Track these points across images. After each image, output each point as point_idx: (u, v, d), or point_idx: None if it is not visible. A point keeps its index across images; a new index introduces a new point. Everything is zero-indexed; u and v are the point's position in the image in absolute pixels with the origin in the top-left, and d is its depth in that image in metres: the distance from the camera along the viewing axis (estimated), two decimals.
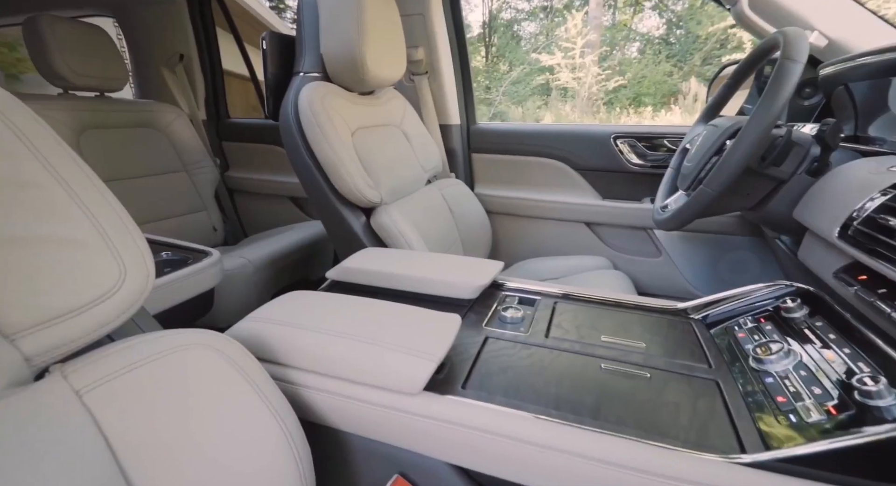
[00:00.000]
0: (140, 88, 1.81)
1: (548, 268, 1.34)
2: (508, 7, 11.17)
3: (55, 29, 1.31)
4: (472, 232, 1.33)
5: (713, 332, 0.63)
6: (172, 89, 1.70)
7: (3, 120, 0.39)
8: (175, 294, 0.91)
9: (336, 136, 0.92)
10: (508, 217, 1.52)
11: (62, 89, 1.40)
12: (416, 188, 1.20)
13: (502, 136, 1.46)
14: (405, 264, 0.76)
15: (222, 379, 0.43)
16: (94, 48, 1.40)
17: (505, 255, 1.58)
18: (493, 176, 1.51)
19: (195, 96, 1.74)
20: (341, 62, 0.98)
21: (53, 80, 1.35)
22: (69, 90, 1.41)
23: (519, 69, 9.43)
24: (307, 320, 0.56)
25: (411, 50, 1.29)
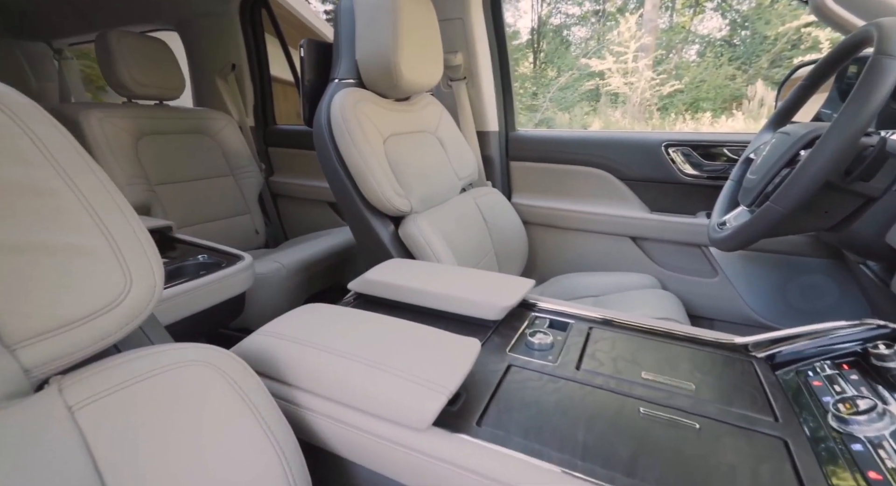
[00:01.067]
0: (197, 97, 1.91)
1: (587, 284, 1.26)
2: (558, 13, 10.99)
3: (122, 43, 1.41)
4: (506, 244, 1.27)
5: (781, 376, 0.53)
6: (224, 97, 1.78)
7: (22, 127, 0.39)
8: (207, 297, 0.93)
9: (365, 142, 0.90)
10: (546, 229, 1.45)
11: (126, 98, 1.50)
12: (450, 197, 1.16)
13: (542, 143, 1.39)
14: (428, 279, 0.72)
15: (218, 400, 0.40)
16: (156, 60, 1.49)
17: (541, 269, 1.50)
18: (531, 185, 1.44)
19: (244, 104, 1.82)
20: (375, 68, 0.97)
21: (118, 89, 1.45)
22: (132, 99, 1.50)
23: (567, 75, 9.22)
24: (317, 338, 0.53)
25: (449, 55, 1.26)
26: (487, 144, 1.39)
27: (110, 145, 1.34)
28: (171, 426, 0.38)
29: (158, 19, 1.81)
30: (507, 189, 1.47)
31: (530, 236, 1.43)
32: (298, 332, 0.55)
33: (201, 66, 1.80)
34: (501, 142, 1.42)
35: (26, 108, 0.40)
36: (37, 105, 0.41)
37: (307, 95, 1.06)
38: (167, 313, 0.85)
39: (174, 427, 0.38)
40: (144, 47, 1.46)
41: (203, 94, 1.86)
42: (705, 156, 1.20)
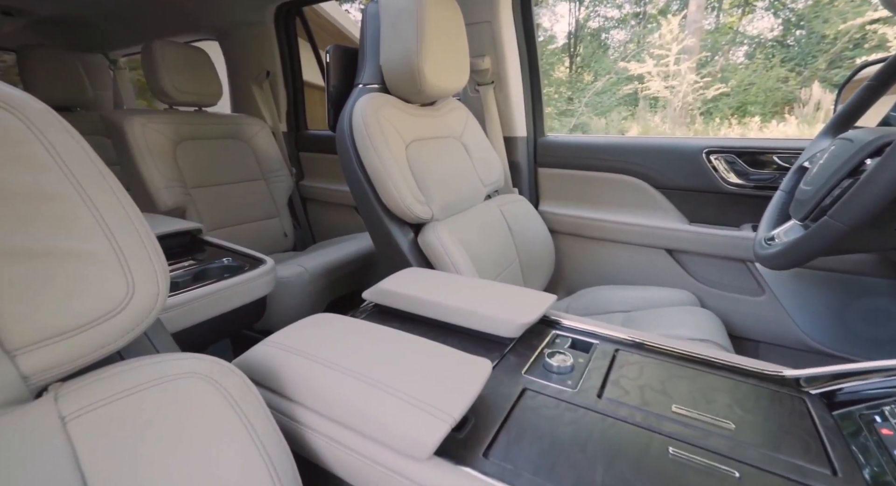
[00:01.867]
0: (234, 103, 1.98)
1: (618, 298, 1.18)
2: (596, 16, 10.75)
3: (165, 52, 1.47)
4: (532, 253, 1.22)
5: (840, 418, 0.46)
6: (259, 103, 1.83)
7: (35, 133, 0.39)
8: (228, 300, 0.93)
9: (386, 148, 0.88)
10: (575, 239, 1.38)
11: (168, 105, 1.57)
12: (473, 204, 1.13)
13: (573, 149, 1.33)
14: (443, 291, 0.69)
15: (210, 415, 0.39)
16: (195, 68, 1.55)
17: (569, 280, 1.44)
18: (560, 193, 1.39)
19: (278, 110, 1.86)
20: (399, 73, 0.95)
21: (160, 96, 1.51)
22: (173, 105, 1.57)
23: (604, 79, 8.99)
24: (322, 351, 0.51)
25: (477, 59, 1.23)
26: (515, 149, 1.35)
27: (151, 149, 1.39)
28: (162, 441, 0.36)
29: (201, 30, 1.89)
30: (535, 197, 1.42)
31: (557, 246, 1.37)
32: (304, 344, 0.53)
33: (238, 74, 1.86)
34: (529, 148, 1.37)
35: (41, 114, 0.40)
36: (52, 111, 0.41)
37: (332, 100, 1.06)
38: (188, 315, 0.86)
39: (164, 442, 0.37)
40: (185, 56, 1.52)
41: (240, 100, 1.92)
42: (752, 163, 1.10)
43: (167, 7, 1.75)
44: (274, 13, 1.68)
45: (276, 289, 1.21)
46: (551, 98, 9.96)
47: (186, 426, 0.38)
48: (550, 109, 9.82)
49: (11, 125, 0.38)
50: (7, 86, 0.40)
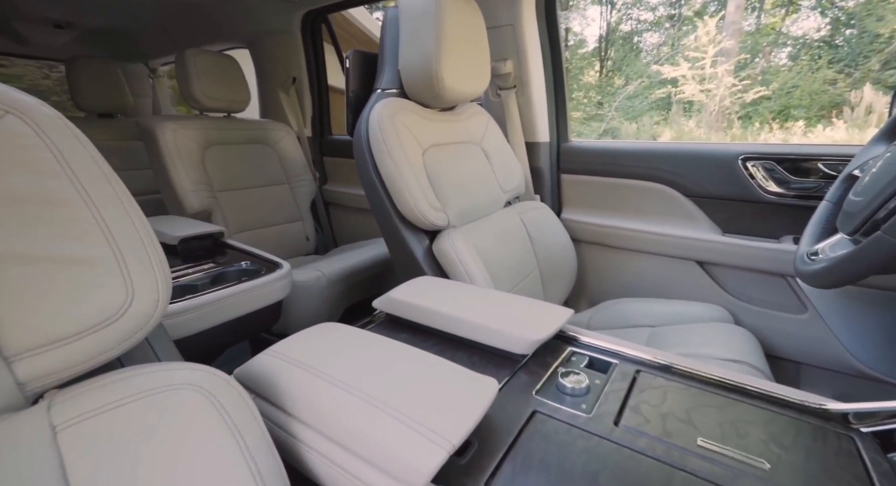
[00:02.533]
0: (263, 109, 2.03)
1: (643, 311, 1.12)
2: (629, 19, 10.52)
3: (196, 61, 1.52)
4: (553, 263, 1.18)
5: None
6: (285, 109, 1.87)
7: (44, 139, 0.39)
8: (243, 304, 0.94)
9: (401, 153, 0.87)
10: (599, 248, 1.33)
11: (198, 111, 1.62)
12: (492, 211, 1.10)
13: (598, 155, 1.28)
14: (455, 302, 0.67)
15: (201, 429, 0.38)
16: (225, 75, 1.60)
17: (592, 291, 1.38)
18: (584, 200, 1.34)
19: (303, 115, 1.89)
20: (417, 78, 0.94)
21: (191, 102, 1.56)
22: (203, 111, 1.62)
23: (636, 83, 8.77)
24: (323, 364, 0.49)
25: (499, 63, 1.21)
26: (537, 155, 1.31)
27: (180, 154, 1.44)
28: (150, 455, 0.35)
29: (233, 38, 1.95)
30: (557, 204, 1.38)
31: (580, 256, 1.32)
32: (306, 355, 0.52)
33: (267, 80, 1.91)
34: (552, 153, 1.33)
35: (51, 120, 0.40)
36: (62, 117, 0.42)
37: (351, 105, 1.06)
38: (204, 318, 0.87)
39: (152, 456, 0.35)
40: (215, 64, 1.57)
41: (268, 106, 1.97)
42: (793, 171, 1.02)
43: (201, 17, 1.82)
44: (301, 21, 1.71)
45: (294, 293, 1.22)
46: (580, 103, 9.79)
47: (175, 440, 0.37)
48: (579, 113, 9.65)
49: (20, 131, 0.38)
50: (19, 91, 0.40)
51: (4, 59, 4.14)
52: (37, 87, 4.46)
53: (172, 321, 0.82)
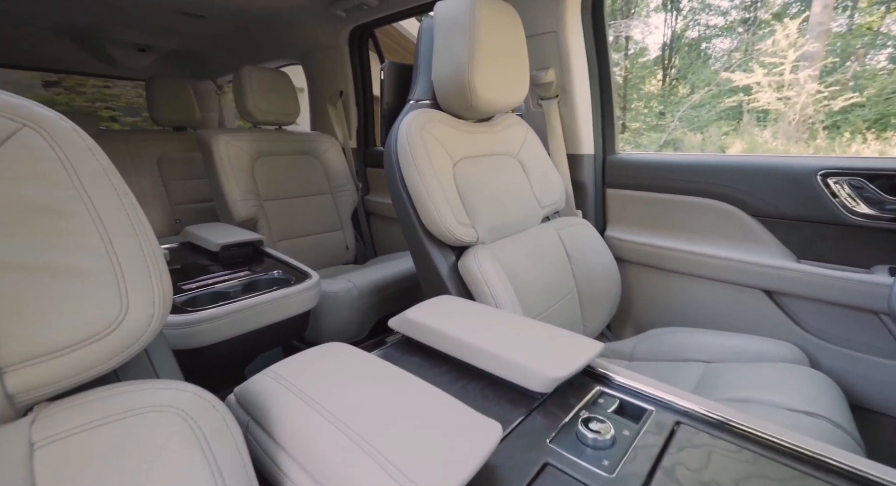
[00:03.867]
0: (313, 121, 2.11)
1: (697, 344, 1.00)
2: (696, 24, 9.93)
3: (251, 77, 1.61)
4: (594, 284, 1.09)
5: None
6: (332, 121, 1.92)
7: (56, 151, 0.40)
8: (270, 313, 0.95)
9: (428, 166, 0.84)
10: (647, 270, 1.21)
11: (252, 124, 1.71)
12: (527, 226, 1.04)
13: (649, 168, 1.17)
14: (473, 327, 0.62)
15: (175, 454, 0.36)
16: (276, 90, 1.68)
17: (638, 317, 1.26)
18: (631, 217, 1.23)
19: (349, 127, 1.94)
20: (449, 88, 0.91)
21: (245, 116, 1.65)
22: (256, 125, 1.71)
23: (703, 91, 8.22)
24: (317, 391, 0.46)
25: (540, 72, 1.15)
26: (580, 168, 1.23)
27: (232, 165, 1.52)
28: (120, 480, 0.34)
29: (288, 55, 2.05)
30: (602, 220, 1.28)
31: (625, 277, 1.21)
32: (302, 379, 0.49)
33: (317, 94, 1.98)
34: (597, 166, 1.24)
35: (66, 132, 0.41)
36: (77, 130, 0.43)
37: (385, 116, 1.05)
38: (230, 326, 0.88)
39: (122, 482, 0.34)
40: (268, 80, 1.65)
41: (317, 118, 2.05)
42: (889, 189, 0.87)
43: (261, 37, 1.93)
44: (348, 35, 1.76)
45: (325, 303, 1.23)
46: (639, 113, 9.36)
47: (145, 466, 0.35)
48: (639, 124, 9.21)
49: (36, 143, 0.39)
50: (38, 105, 0.42)
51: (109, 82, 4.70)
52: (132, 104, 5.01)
53: (201, 328, 0.84)
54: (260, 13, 1.65)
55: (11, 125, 0.38)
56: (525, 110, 1.28)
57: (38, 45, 2.08)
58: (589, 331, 1.10)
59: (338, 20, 1.65)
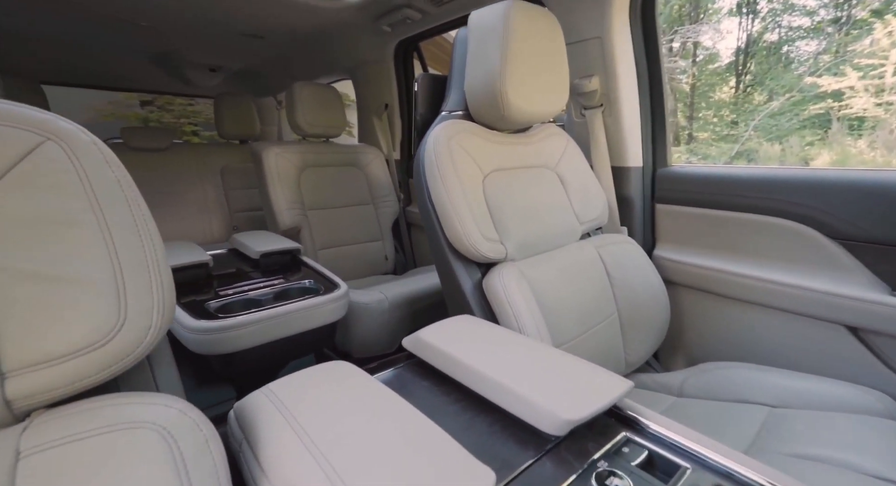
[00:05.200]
0: (360, 133, 2.17)
1: (760, 383, 0.87)
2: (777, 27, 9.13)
3: (303, 92, 1.68)
4: (638, 308, 0.99)
5: None
6: (377, 133, 1.97)
7: (74, 163, 0.42)
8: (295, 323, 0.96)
9: (454, 178, 0.81)
10: (702, 295, 1.08)
11: (301, 137, 1.78)
12: (563, 243, 0.97)
13: (706, 182, 1.06)
14: (486, 353, 0.57)
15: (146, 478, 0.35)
16: (325, 104, 1.74)
17: (690, 347, 1.13)
18: (684, 236, 1.11)
19: (393, 139, 1.97)
20: (481, 98, 0.88)
21: (295, 129, 1.73)
22: (305, 137, 1.78)
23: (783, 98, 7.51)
24: (306, 417, 0.44)
25: (583, 81, 1.09)
26: (626, 181, 1.14)
27: (280, 176, 1.59)
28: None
29: (340, 70, 2.14)
30: (650, 239, 1.17)
31: (675, 302, 1.09)
32: (295, 401, 0.47)
33: (364, 107, 2.04)
34: (646, 180, 1.14)
35: (86, 145, 0.43)
36: (97, 142, 0.44)
37: (418, 128, 1.04)
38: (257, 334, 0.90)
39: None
40: (317, 94, 1.72)
41: (364, 130, 2.10)
42: None
43: (314, 54, 2.03)
44: (394, 50, 1.79)
45: (356, 314, 1.23)
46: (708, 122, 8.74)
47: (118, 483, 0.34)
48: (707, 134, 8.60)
49: (56, 156, 0.41)
50: (62, 119, 0.44)
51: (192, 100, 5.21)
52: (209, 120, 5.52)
53: (229, 334, 0.87)
54: (312, 32, 1.73)
55: (36, 139, 0.40)
56: (567, 120, 1.22)
57: (131, 69, 2.34)
58: (631, 360, 1.00)
59: (383, 35, 1.68)
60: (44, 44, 1.80)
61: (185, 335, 0.85)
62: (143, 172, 2.10)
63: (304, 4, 1.43)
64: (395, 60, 1.83)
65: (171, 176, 2.16)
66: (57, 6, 1.41)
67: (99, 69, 2.30)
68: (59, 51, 1.91)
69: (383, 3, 1.43)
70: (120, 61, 2.17)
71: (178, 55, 2.13)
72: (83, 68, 2.25)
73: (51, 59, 2.01)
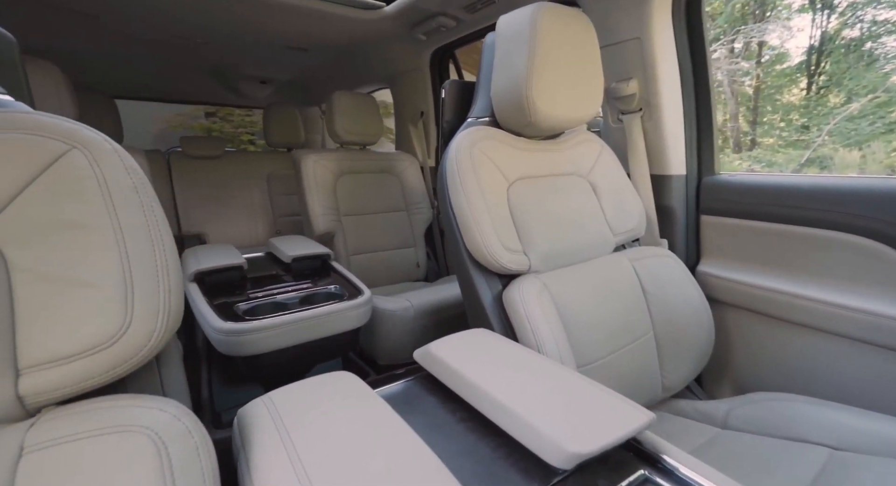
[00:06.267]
0: (398, 141, 2.20)
1: (819, 419, 0.77)
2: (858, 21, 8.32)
3: (341, 101, 1.73)
4: (677, 328, 0.91)
5: None
6: (413, 141, 1.98)
7: (95, 170, 0.44)
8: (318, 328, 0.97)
9: (475, 186, 0.78)
10: (752, 316, 0.98)
11: (339, 145, 1.83)
12: (593, 255, 0.92)
13: (762, 192, 0.96)
14: (498, 373, 0.54)
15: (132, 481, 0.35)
16: (362, 113, 1.78)
17: (737, 373, 1.03)
18: (733, 251, 1.01)
19: (428, 146, 1.98)
20: (507, 104, 0.85)
21: (333, 137, 1.78)
22: (342, 145, 1.83)
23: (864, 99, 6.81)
24: (298, 432, 0.44)
25: (620, 84, 1.03)
26: (667, 191, 1.06)
27: (317, 182, 1.64)
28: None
29: (378, 80, 2.19)
30: (693, 253, 1.08)
31: (721, 323, 1.00)
32: (291, 413, 0.47)
33: (401, 115, 2.07)
34: (689, 189, 1.06)
35: (108, 154, 0.45)
36: (119, 151, 0.47)
37: (444, 136, 1.03)
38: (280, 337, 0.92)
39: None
40: (355, 103, 1.77)
41: (401, 138, 2.13)
42: None
43: (354, 65, 2.09)
44: (430, 58, 1.80)
45: (381, 321, 1.23)
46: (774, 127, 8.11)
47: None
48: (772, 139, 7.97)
49: (79, 163, 0.43)
50: (89, 129, 0.46)
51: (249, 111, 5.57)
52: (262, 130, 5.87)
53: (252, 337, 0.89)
54: (351, 43, 1.79)
55: (63, 147, 0.43)
56: (603, 126, 1.16)
57: (191, 84, 2.53)
58: (669, 384, 0.92)
59: (419, 44, 1.70)
60: (115, 63, 1.99)
61: (213, 336, 0.88)
62: (199, 177, 2.25)
63: (342, 17, 1.47)
64: (430, 68, 1.84)
65: (222, 181, 2.30)
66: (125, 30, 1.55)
67: (163, 84, 2.50)
68: (128, 69, 2.10)
69: (418, 12, 1.44)
70: (182, 76, 2.35)
71: (231, 69, 2.27)
72: (150, 84, 2.45)
73: (121, 76, 2.22)
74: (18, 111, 0.43)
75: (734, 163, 6.22)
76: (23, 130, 0.42)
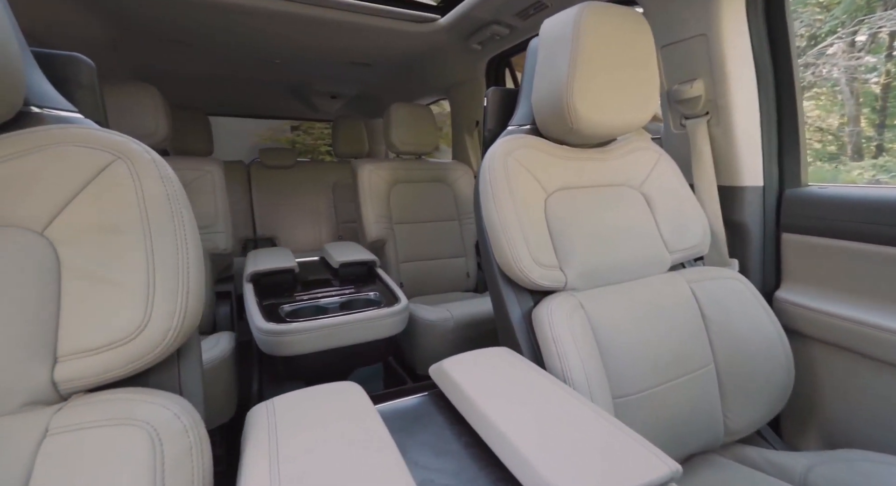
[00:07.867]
0: (454, 150, 2.21)
1: None
2: None
3: (398, 112, 1.79)
4: (745, 362, 0.79)
5: None
6: (468, 150, 1.98)
7: (134, 178, 0.49)
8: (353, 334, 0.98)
9: (506, 197, 0.75)
10: (844, 355, 0.82)
11: (395, 154, 1.89)
12: (644, 274, 0.83)
13: (862, 208, 0.80)
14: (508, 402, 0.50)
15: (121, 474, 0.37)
16: (418, 123, 1.82)
17: (825, 423, 0.86)
18: (823, 276, 0.86)
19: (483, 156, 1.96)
20: (548, 110, 0.80)
21: (389, 147, 1.83)
22: (399, 155, 1.88)
23: None
24: (290, 445, 0.44)
25: (683, 86, 0.93)
26: (739, 204, 0.93)
27: (371, 191, 1.69)
28: None
29: (436, 91, 2.22)
30: (772, 276, 0.93)
31: (804, 360, 0.85)
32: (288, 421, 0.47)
33: (458, 125, 2.08)
34: (768, 203, 0.92)
35: (146, 163, 0.50)
36: (157, 162, 0.51)
37: (486, 144, 1.00)
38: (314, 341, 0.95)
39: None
40: (411, 114, 1.81)
41: (458, 148, 2.14)
42: None
43: (416, 76, 2.15)
44: (485, 67, 1.79)
45: (420, 330, 1.22)
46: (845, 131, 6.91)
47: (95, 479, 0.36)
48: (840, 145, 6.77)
49: (122, 172, 0.48)
50: (133, 140, 0.51)
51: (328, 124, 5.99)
52: None
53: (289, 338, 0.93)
54: (410, 56, 1.84)
55: (109, 158, 0.48)
56: (665, 132, 1.05)
57: (273, 100, 2.78)
58: (734, 427, 0.79)
59: (474, 53, 1.70)
60: (206, 84, 2.24)
61: (256, 335, 0.94)
62: (273, 185, 2.45)
63: (400, 31, 1.52)
64: (486, 77, 1.82)
65: (293, 189, 2.49)
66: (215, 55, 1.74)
67: (248, 101, 2.77)
68: (218, 89, 2.35)
69: (472, 22, 1.44)
70: (264, 93, 2.59)
71: (305, 86, 2.45)
72: (237, 101, 2.73)
73: (213, 95, 2.50)
74: (79, 126, 0.49)
75: (853, 173, 5.36)
76: (78, 143, 0.47)
